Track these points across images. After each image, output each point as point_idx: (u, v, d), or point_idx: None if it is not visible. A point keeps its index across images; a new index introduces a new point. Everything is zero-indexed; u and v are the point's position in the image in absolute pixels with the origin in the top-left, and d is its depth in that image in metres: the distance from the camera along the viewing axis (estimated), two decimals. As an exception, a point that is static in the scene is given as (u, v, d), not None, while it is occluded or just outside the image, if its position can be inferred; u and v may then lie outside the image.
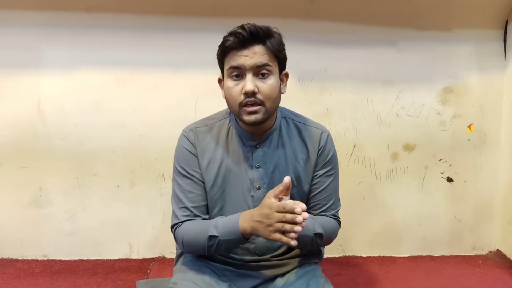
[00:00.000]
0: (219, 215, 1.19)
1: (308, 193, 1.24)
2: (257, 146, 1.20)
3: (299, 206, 0.96)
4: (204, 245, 1.11)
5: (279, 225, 0.97)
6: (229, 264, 1.22)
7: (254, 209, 1.06)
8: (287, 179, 1.00)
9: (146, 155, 2.00)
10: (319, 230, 1.15)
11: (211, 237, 1.09)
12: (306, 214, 0.96)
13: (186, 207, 1.18)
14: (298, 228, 0.96)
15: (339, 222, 1.27)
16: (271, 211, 0.99)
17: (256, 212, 1.03)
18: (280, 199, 1.02)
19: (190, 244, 1.15)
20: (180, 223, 1.18)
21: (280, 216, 0.97)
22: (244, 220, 1.06)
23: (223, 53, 1.12)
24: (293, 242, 0.97)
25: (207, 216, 1.21)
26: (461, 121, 2.09)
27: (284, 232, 0.97)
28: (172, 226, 1.20)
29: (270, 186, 1.19)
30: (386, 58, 2.03)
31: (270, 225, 0.99)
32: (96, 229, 2.03)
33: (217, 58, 1.15)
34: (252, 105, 1.09)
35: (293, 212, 0.96)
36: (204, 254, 1.18)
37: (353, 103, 2.05)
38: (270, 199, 1.01)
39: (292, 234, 0.96)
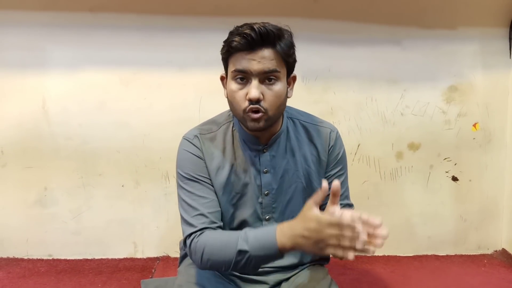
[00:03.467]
0: (229, 222, 1.15)
1: None
2: (264, 150, 1.14)
3: (373, 224, 0.85)
4: (230, 260, 0.98)
5: (334, 241, 0.86)
6: (251, 274, 1.19)
7: (294, 221, 0.93)
8: (325, 184, 0.89)
9: (150, 154, 2.00)
10: None
11: (240, 252, 0.96)
12: (384, 232, 0.85)
13: (202, 214, 1.07)
14: (359, 245, 0.84)
15: None
16: (320, 226, 0.87)
17: (300, 226, 0.90)
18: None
19: (212, 257, 1.01)
20: (199, 232, 1.04)
21: (334, 232, 0.85)
22: (283, 234, 0.93)
23: (228, 52, 1.04)
24: (351, 257, 0.86)
25: (221, 223, 1.11)
26: (466, 119, 2.08)
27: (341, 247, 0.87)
28: (188, 237, 1.06)
29: (279, 191, 1.15)
30: (391, 57, 2.02)
31: (320, 241, 0.87)
32: (100, 228, 2.03)
33: (221, 55, 1.07)
34: (256, 112, 1.02)
35: (353, 229, 0.84)
36: (225, 271, 1.07)
37: (357, 102, 2.04)
38: (313, 211, 0.89)
39: (359, 247, 0.85)
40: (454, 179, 2.12)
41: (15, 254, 2.03)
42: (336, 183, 0.89)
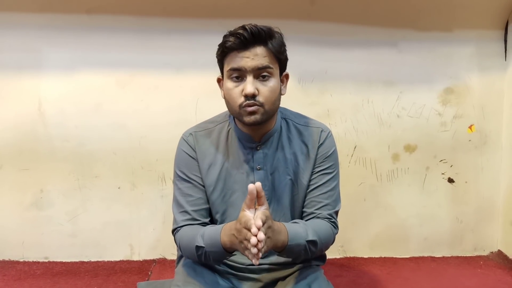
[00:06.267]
0: (224, 219, 1.18)
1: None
2: (258, 148, 1.18)
3: (255, 225, 0.90)
4: (194, 254, 1.09)
5: (246, 242, 0.92)
6: (230, 267, 1.21)
7: (234, 221, 1.00)
8: (251, 186, 0.94)
9: (147, 156, 2.00)
10: (312, 237, 1.08)
11: (197, 247, 1.07)
12: (261, 236, 0.89)
13: (186, 211, 1.17)
14: (253, 249, 0.89)
15: (334, 225, 1.19)
16: (241, 226, 0.94)
17: (233, 226, 0.98)
18: (256, 209, 0.96)
19: (184, 251, 1.14)
20: (179, 228, 1.16)
21: (246, 233, 0.92)
22: (224, 233, 1.02)
23: (223, 53, 1.10)
24: (254, 261, 0.91)
25: (207, 220, 1.19)
26: (462, 121, 2.09)
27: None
28: (173, 231, 1.19)
29: (271, 188, 1.18)
30: (387, 59, 2.03)
31: (241, 242, 0.95)
32: (97, 230, 2.03)
33: (217, 58, 1.13)
34: (252, 106, 1.07)
35: (247, 230, 0.91)
36: (200, 262, 1.16)
37: (353, 104, 2.05)
38: (243, 212, 0.95)
39: (253, 252, 0.89)
40: (450, 180, 2.12)
41: (11, 256, 2.02)
42: (251, 185, 0.94)
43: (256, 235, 0.89)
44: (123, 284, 1.80)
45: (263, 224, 0.92)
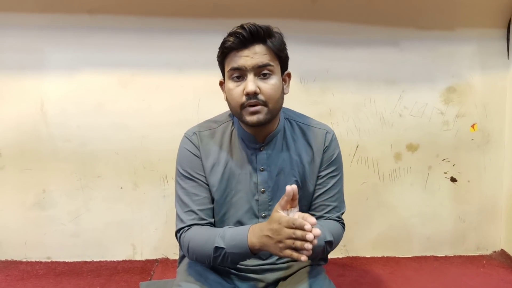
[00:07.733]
0: (224, 220, 1.17)
1: (312, 194, 1.22)
2: (261, 149, 1.17)
3: (309, 222, 0.91)
4: (209, 255, 1.07)
5: (290, 241, 0.92)
6: (233, 268, 1.20)
7: (264, 223, 1.01)
8: (289, 188, 0.96)
9: (149, 156, 2.00)
10: (329, 238, 1.11)
11: (217, 248, 1.05)
12: (317, 231, 0.90)
13: (192, 211, 1.14)
14: (308, 245, 0.89)
15: (343, 226, 1.22)
16: (280, 226, 0.94)
17: (266, 227, 0.98)
18: (288, 211, 0.98)
19: (195, 251, 1.10)
20: (187, 228, 1.13)
21: (290, 232, 0.92)
22: (253, 234, 1.02)
23: (224, 54, 1.09)
24: (303, 258, 0.91)
25: (213, 220, 1.17)
26: (465, 120, 2.08)
27: (295, 249, 0.93)
28: (178, 231, 1.16)
29: (275, 189, 1.18)
30: (389, 58, 2.03)
31: (280, 241, 0.94)
32: (99, 230, 2.03)
33: (218, 60, 1.13)
34: (254, 105, 1.06)
35: (303, 229, 0.90)
36: (208, 265, 1.15)
37: (355, 103, 2.04)
38: (278, 213, 0.96)
39: (304, 251, 0.91)
40: (453, 180, 2.12)
41: (14, 256, 2.02)
42: (289, 187, 0.96)
43: (310, 231, 0.90)
44: (126, 284, 1.80)
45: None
